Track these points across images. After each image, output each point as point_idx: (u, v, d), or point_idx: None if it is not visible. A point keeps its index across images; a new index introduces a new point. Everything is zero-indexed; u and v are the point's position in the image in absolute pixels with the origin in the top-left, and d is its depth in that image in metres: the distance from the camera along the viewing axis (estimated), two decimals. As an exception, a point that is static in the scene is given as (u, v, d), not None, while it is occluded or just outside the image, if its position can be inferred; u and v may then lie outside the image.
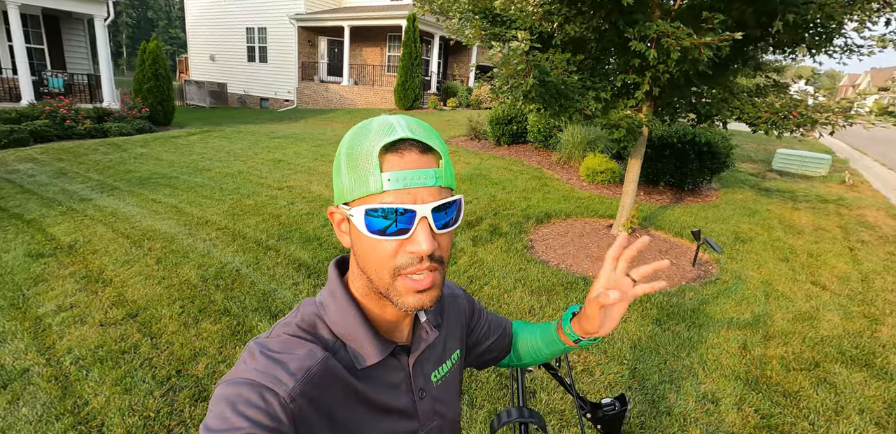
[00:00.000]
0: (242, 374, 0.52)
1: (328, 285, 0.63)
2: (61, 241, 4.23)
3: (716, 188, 6.97)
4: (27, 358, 2.60)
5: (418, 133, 0.54)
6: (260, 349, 0.55)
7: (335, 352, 0.58)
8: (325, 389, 0.54)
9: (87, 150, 8.20)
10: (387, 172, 0.51)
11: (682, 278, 3.83)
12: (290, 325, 0.60)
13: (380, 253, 0.54)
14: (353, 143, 0.54)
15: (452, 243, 0.60)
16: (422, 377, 0.67)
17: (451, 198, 0.56)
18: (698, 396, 2.41)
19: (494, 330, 0.86)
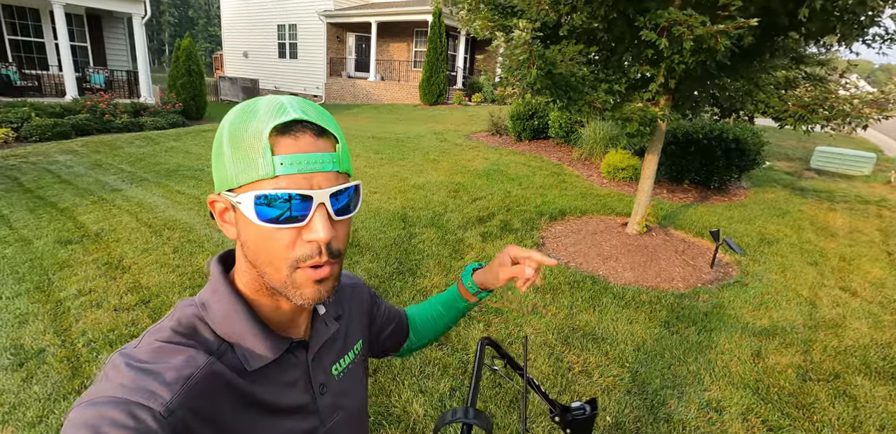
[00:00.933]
0: (104, 393, 0.44)
1: (210, 283, 0.57)
2: (89, 229, 4.41)
3: (745, 187, 6.65)
4: (44, 339, 2.72)
5: (312, 115, 0.50)
6: (126, 361, 0.47)
7: (221, 355, 0.52)
8: (210, 398, 0.48)
9: (122, 143, 8.56)
10: (279, 156, 0.47)
11: (697, 280, 3.67)
12: (163, 330, 0.52)
13: (273, 244, 0.49)
14: (238, 123, 0.49)
15: (350, 234, 0.58)
16: (321, 372, 0.63)
17: (349, 183, 0.53)
18: (701, 404, 2.29)
19: (393, 317, 0.86)
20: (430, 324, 0.90)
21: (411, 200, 5.35)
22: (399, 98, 16.18)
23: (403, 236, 4.31)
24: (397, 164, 7.17)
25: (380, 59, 17.49)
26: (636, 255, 3.95)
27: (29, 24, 11.44)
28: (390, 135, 9.79)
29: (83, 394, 0.46)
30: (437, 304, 0.89)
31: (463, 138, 9.37)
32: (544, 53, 2.75)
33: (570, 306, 3.15)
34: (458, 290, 0.86)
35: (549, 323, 2.94)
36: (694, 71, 3.36)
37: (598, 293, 3.34)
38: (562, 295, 3.30)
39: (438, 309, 0.89)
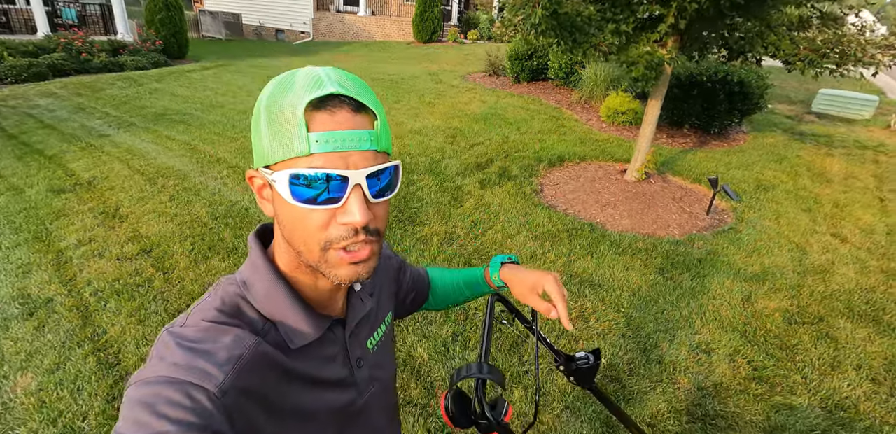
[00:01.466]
0: (160, 372, 0.44)
1: (250, 260, 0.55)
2: (81, 177, 4.24)
3: (745, 131, 6.45)
4: (51, 288, 2.70)
5: (350, 88, 0.46)
6: (176, 341, 0.47)
7: (265, 334, 0.52)
8: (259, 377, 0.48)
9: (104, 85, 8.02)
10: (314, 132, 0.44)
11: (693, 227, 3.65)
12: (208, 309, 0.51)
13: (308, 224, 0.47)
14: (275, 97, 0.46)
15: (389, 213, 0.54)
16: (358, 346, 0.63)
17: (387, 163, 0.49)
18: (691, 346, 2.36)
19: (416, 282, 0.86)
20: (450, 295, 0.90)
21: (408, 146, 5.15)
22: (391, 35, 15.09)
23: (402, 184, 4.19)
24: (392, 107, 6.83)
25: (370, -10, 16.04)
26: (634, 203, 3.89)
27: (-18, -51, 10.20)
28: (383, 75, 9.24)
29: (138, 371, 0.46)
30: (461, 280, 0.88)
31: (459, 79, 8.88)
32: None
33: (569, 254, 3.15)
34: (484, 276, 0.85)
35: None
36: (706, 11, 3.06)
37: (595, 241, 3.32)
38: (560, 243, 3.28)
39: (461, 285, 0.89)
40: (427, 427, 1.86)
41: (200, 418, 0.42)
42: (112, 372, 2.13)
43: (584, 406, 1.97)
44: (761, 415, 1.97)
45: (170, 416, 0.41)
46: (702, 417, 1.95)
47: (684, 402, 2.03)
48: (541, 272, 0.76)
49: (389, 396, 0.73)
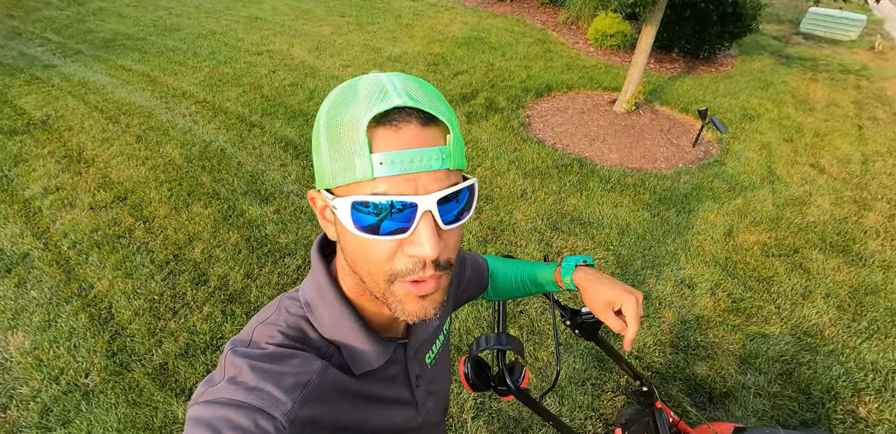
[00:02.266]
0: (228, 395, 0.40)
1: (313, 279, 0.51)
2: (33, 115, 3.73)
3: (733, 55, 6.04)
4: (24, 242, 2.47)
5: (419, 98, 0.38)
6: (248, 363, 0.43)
7: (330, 357, 0.48)
8: (325, 402, 0.45)
9: (39, 5, 6.80)
10: (378, 153, 0.37)
11: (680, 160, 3.51)
12: (272, 332, 0.47)
13: (372, 255, 0.42)
14: (335, 111, 0.39)
15: (462, 239, 0.46)
16: (417, 364, 0.58)
17: (462, 184, 0.42)
18: (676, 281, 2.37)
19: (476, 276, 0.79)
20: (513, 290, 0.82)
21: (389, 76, 4.65)
22: (359, -59, 12.97)
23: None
24: (367, 30, 6.06)
25: None
26: (623, 136, 3.69)
27: None
28: (355, -8, 8.09)
29: (204, 388, 0.43)
30: (527, 277, 0.79)
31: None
32: None
33: (559, 191, 3.01)
34: (555, 278, 0.75)
35: (538, 209, 2.83)
36: None
37: (584, 177, 3.18)
38: (550, 180, 3.12)
39: (527, 283, 0.79)
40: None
41: None
42: (107, 327, 2.02)
43: (577, 343, 2.00)
44: (738, 344, 2.04)
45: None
46: (684, 349, 2.01)
47: (668, 335, 2.07)
48: (623, 289, 0.66)
49: (442, 406, 0.68)
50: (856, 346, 2.05)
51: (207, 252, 2.43)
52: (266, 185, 2.96)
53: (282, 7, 7.04)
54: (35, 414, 1.69)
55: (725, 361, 1.95)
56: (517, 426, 1.69)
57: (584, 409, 1.75)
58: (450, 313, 0.70)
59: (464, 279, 0.75)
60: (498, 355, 0.91)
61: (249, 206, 2.75)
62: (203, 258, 2.39)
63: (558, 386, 1.83)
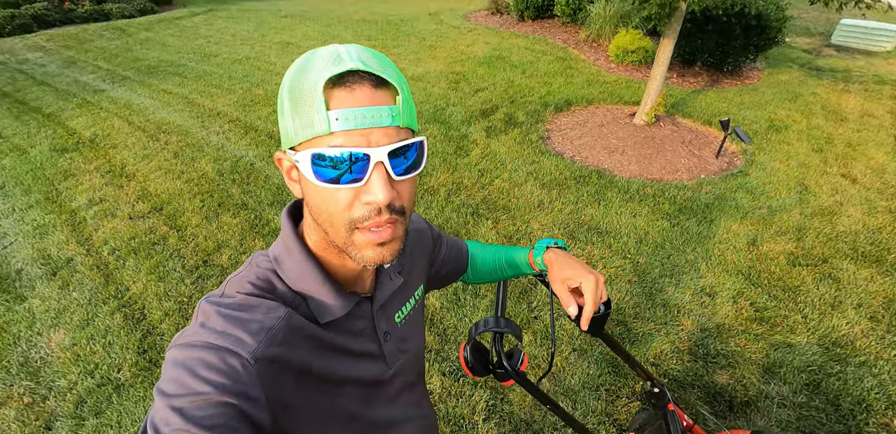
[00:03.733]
0: (199, 337, 0.45)
1: (282, 238, 0.56)
2: (82, 135, 4.10)
3: (759, 68, 6.03)
4: (69, 248, 2.70)
5: (371, 64, 0.44)
6: (216, 309, 0.48)
7: (296, 306, 0.53)
8: (290, 346, 0.49)
9: (91, 36, 7.53)
10: (334, 111, 0.43)
11: (701, 171, 3.51)
12: (243, 283, 0.53)
13: (332, 205, 0.47)
14: (297, 76, 0.45)
15: (416, 190, 0.53)
16: (385, 321, 0.62)
17: (410, 139, 0.47)
18: (696, 290, 2.35)
19: (454, 256, 0.83)
20: (490, 272, 0.88)
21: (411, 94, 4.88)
22: (386, -29, 13.78)
23: (405, 134, 4.02)
24: (392, 52, 6.40)
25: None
26: (643, 148, 3.73)
27: None
28: (381, 17, 8.57)
29: (179, 334, 0.47)
30: (503, 259, 0.85)
31: (460, 19, 8.23)
32: None
33: (576, 201, 3.06)
34: (528, 259, 0.81)
35: (555, 218, 2.88)
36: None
37: (603, 187, 3.22)
38: (567, 190, 3.18)
39: (503, 264, 0.85)
40: (442, 370, 1.91)
41: (234, 382, 0.43)
42: (139, 326, 2.17)
43: (591, 348, 2.01)
44: (760, 353, 2.01)
45: (207, 378, 0.43)
46: (703, 356, 1.99)
47: (687, 342, 2.06)
48: (584, 269, 0.71)
49: (416, 366, 0.72)
50: (890, 357, 1.98)
51: (234, 258, 2.59)
52: (291, 196, 3.14)
53: (312, 33, 7.52)
54: (71, 404, 1.83)
55: (747, 370, 1.92)
56: (528, 428, 1.71)
57: (597, 414, 1.75)
58: (423, 281, 0.73)
59: (440, 255, 0.80)
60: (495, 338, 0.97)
61: (275, 216, 2.92)
62: (230, 264, 2.55)
63: (571, 390, 1.84)
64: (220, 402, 0.42)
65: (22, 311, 2.25)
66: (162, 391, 0.42)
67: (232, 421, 0.42)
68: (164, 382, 0.43)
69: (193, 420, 0.40)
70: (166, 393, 0.42)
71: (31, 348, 2.05)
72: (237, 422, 0.42)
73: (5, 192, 3.24)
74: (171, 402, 0.41)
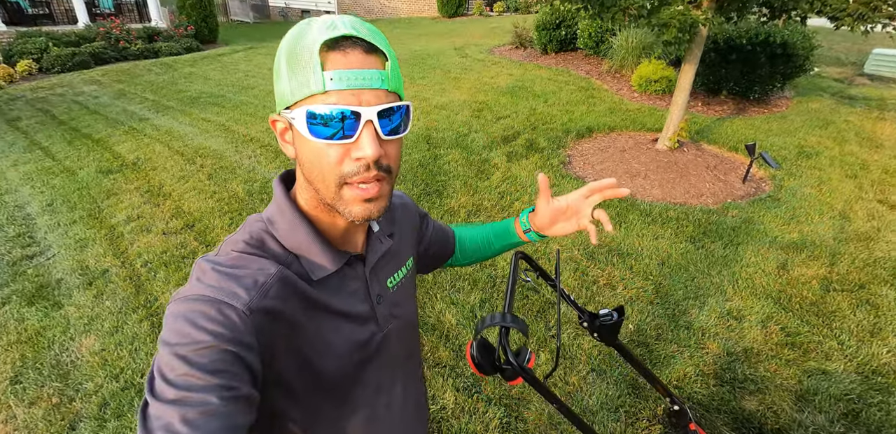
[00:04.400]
0: (196, 291, 0.49)
1: (274, 200, 0.59)
2: (126, 158, 4.45)
3: (788, 97, 6.04)
4: (105, 260, 2.89)
5: (363, 32, 0.49)
6: (211, 266, 0.52)
7: (289, 264, 0.56)
8: (283, 300, 0.52)
9: (142, 71, 8.27)
10: (329, 71, 0.47)
11: (727, 195, 3.50)
12: (237, 242, 0.56)
13: (324, 160, 0.50)
14: (294, 40, 0.49)
15: (401, 154, 0.56)
16: (378, 284, 0.65)
17: (398, 102, 0.51)
18: (722, 313, 2.31)
19: (441, 237, 0.87)
20: (479, 248, 0.91)
21: (434, 121, 5.11)
22: (416, 10, 14.77)
23: (428, 158, 4.19)
24: (418, 83, 6.75)
25: (392, -35, 15.62)
26: (666, 172, 3.76)
27: (22, -58, 10.48)
28: (409, 52, 9.10)
29: (179, 290, 0.51)
30: (490, 232, 0.89)
31: (485, 53, 8.65)
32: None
33: (597, 224, 3.08)
34: (514, 225, 0.85)
35: (574, 239, 2.91)
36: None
37: (624, 210, 3.25)
38: (587, 213, 3.22)
39: (490, 237, 0.89)
40: (456, 386, 1.92)
41: (230, 331, 0.47)
42: (165, 334, 2.28)
43: (610, 368, 1.98)
44: (793, 379, 1.93)
45: (206, 327, 0.46)
46: (730, 381, 1.93)
47: (712, 366, 2.00)
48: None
49: (409, 334, 0.75)
50: (939, 388, 1.87)
51: (258, 272, 2.71)
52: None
53: (342, 67, 8.03)
54: (95, 406, 1.91)
55: (778, 397, 1.85)
56: (543, 447, 1.68)
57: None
58: (412, 253, 0.77)
59: (427, 233, 0.84)
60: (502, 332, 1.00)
61: (298, 233, 3.06)
62: (253, 277, 2.67)
63: (589, 411, 1.81)
64: (220, 349, 0.45)
65: (58, 317, 2.40)
66: (165, 341, 0.46)
67: (232, 367, 0.46)
68: (166, 333, 0.47)
69: (197, 366, 0.44)
70: (169, 342, 0.46)
71: (63, 352, 2.18)
72: (236, 367, 0.46)
73: (53, 208, 3.52)
74: (174, 350, 0.45)
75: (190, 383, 0.44)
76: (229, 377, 0.45)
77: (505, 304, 1.08)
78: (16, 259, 2.89)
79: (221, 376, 0.45)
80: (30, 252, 2.98)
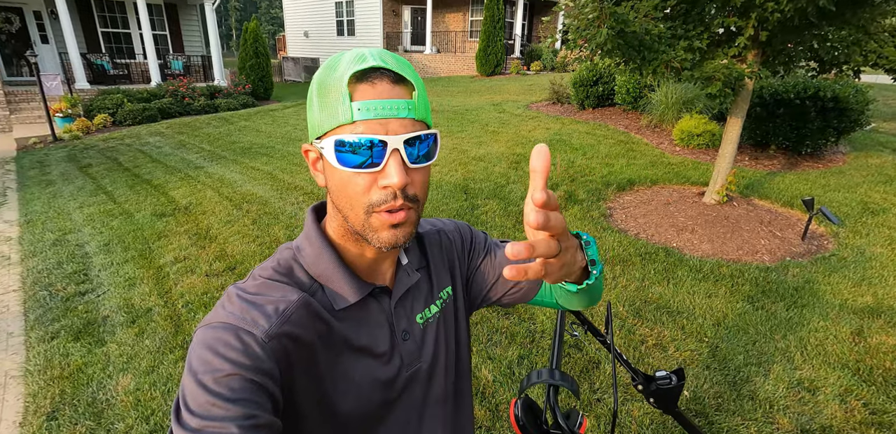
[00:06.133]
0: (219, 319, 0.52)
1: (304, 229, 0.62)
2: (179, 203, 4.80)
3: (843, 152, 5.91)
4: (150, 299, 3.03)
5: (390, 63, 0.51)
6: (237, 292, 0.55)
7: (313, 293, 0.57)
8: (303, 328, 0.54)
9: (201, 124, 9.13)
10: (357, 102, 0.49)
11: (786, 253, 3.34)
12: (266, 269, 0.58)
13: (352, 188, 0.52)
14: (325, 73, 0.52)
15: (429, 182, 0.57)
16: (405, 319, 0.64)
17: (425, 131, 0.53)
18: (791, 383, 2.12)
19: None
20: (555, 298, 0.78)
21: (472, 172, 5.28)
22: (455, 70, 15.85)
23: (466, 208, 4.29)
24: (456, 136, 7.09)
25: (435, 30, 17.11)
26: (715, 227, 3.66)
27: (117, 17, 12.30)
28: (448, 108, 9.66)
29: (206, 316, 0.54)
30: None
31: (522, 109, 9.05)
32: (615, 11, 2.51)
33: (642, 278, 3.00)
34: None
35: (619, 295, 2.82)
36: (790, 20, 2.94)
37: (671, 265, 3.15)
38: (632, 267, 3.15)
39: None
40: (492, 450, 1.81)
41: (250, 359, 0.49)
42: (198, 377, 2.31)
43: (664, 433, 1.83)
44: (885, 466, 1.71)
45: (226, 355, 0.48)
46: (808, 464, 1.73)
47: (785, 444, 1.81)
48: None
49: (445, 375, 0.69)
50: None
51: (293, 317, 2.76)
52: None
53: (385, 121, 8.59)
54: (122, 450, 1.92)
55: (869, 486, 1.63)
56: None
57: (676, 521, 1.53)
58: (450, 283, 0.71)
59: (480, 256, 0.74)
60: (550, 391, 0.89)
61: (335, 279, 3.13)
62: (288, 322, 2.71)
63: (643, 489, 1.64)
64: (241, 377, 0.47)
65: (100, 354, 2.50)
66: (189, 368, 0.48)
67: (252, 395, 0.47)
68: (191, 360, 0.49)
69: (217, 395, 0.46)
70: (193, 370, 0.48)
71: (100, 390, 2.24)
72: (257, 396, 0.47)
73: (109, 248, 3.79)
74: (197, 378, 0.47)
75: (211, 413, 0.45)
76: (250, 406, 0.46)
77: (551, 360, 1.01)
78: (69, 295, 3.08)
79: (242, 405, 0.46)
80: (82, 289, 3.17)
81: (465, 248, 0.75)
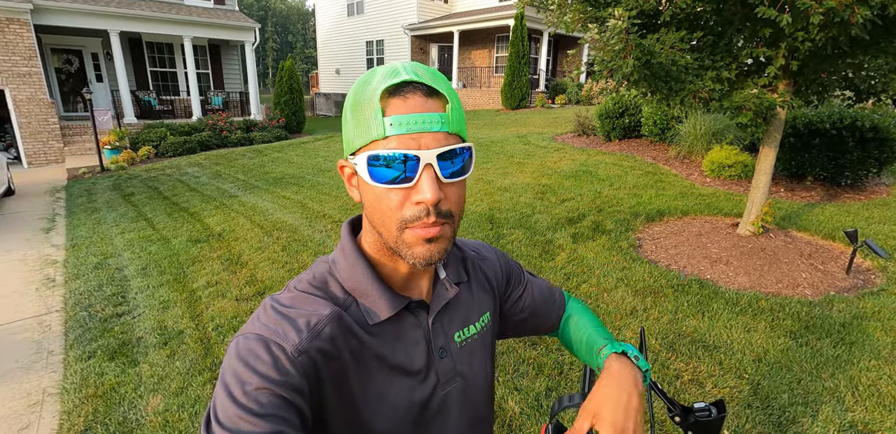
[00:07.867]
0: (253, 330, 0.53)
1: (340, 243, 0.62)
2: (214, 230, 5.01)
3: (887, 184, 5.73)
4: (182, 322, 3.13)
5: (423, 76, 0.51)
6: (271, 304, 0.56)
7: (346, 307, 0.57)
8: (335, 344, 0.54)
9: (237, 156, 9.61)
10: (389, 117, 0.49)
11: (830, 287, 3.22)
12: (301, 281, 0.59)
13: (385, 204, 0.52)
14: (359, 89, 0.52)
15: (464, 198, 0.57)
16: (443, 336, 0.63)
17: (458, 144, 0.52)
18: (843, 425, 2.00)
19: (539, 300, 0.80)
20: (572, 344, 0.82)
21: (497, 202, 5.35)
22: (481, 104, 16.33)
23: (492, 237, 4.32)
24: (482, 167, 7.23)
25: (461, 66, 17.82)
26: (751, 259, 3.57)
27: (165, 57, 13.37)
28: (473, 140, 9.90)
29: (243, 326, 0.55)
30: (584, 339, 0.77)
31: (547, 140, 9.20)
32: (641, 42, 2.61)
33: (675, 311, 2.93)
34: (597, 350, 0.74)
35: (651, 327, 2.76)
36: (822, 49, 2.98)
37: (706, 298, 3.07)
38: (665, 299, 3.08)
39: (583, 344, 0.78)
40: (520, 486, 1.76)
41: (280, 374, 0.49)
42: (225, 400, 2.35)
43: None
44: (956, 521, 1.57)
45: (256, 368, 0.49)
46: (867, 515, 1.60)
47: (840, 492, 1.69)
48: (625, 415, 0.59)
49: (479, 398, 0.70)
50: None
51: (319, 343, 2.80)
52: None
53: (412, 152, 8.85)
54: (149, 472, 1.95)
55: None
56: None
57: None
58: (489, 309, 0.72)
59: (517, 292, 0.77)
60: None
61: (361, 306, 3.17)
62: (314, 348, 2.75)
63: None
64: (269, 391, 0.47)
65: (132, 374, 2.58)
66: (222, 377, 0.49)
67: (280, 410, 0.47)
68: (224, 369, 0.50)
69: (245, 409, 0.46)
70: (224, 379, 0.49)
71: (130, 409, 2.30)
72: (284, 412, 0.47)
73: (146, 272, 3.97)
74: (227, 389, 0.48)
75: (239, 427, 0.46)
76: (276, 421, 0.46)
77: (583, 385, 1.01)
78: (107, 316, 3.22)
79: (269, 421, 0.46)
80: (119, 310, 3.31)
81: (504, 277, 0.77)
